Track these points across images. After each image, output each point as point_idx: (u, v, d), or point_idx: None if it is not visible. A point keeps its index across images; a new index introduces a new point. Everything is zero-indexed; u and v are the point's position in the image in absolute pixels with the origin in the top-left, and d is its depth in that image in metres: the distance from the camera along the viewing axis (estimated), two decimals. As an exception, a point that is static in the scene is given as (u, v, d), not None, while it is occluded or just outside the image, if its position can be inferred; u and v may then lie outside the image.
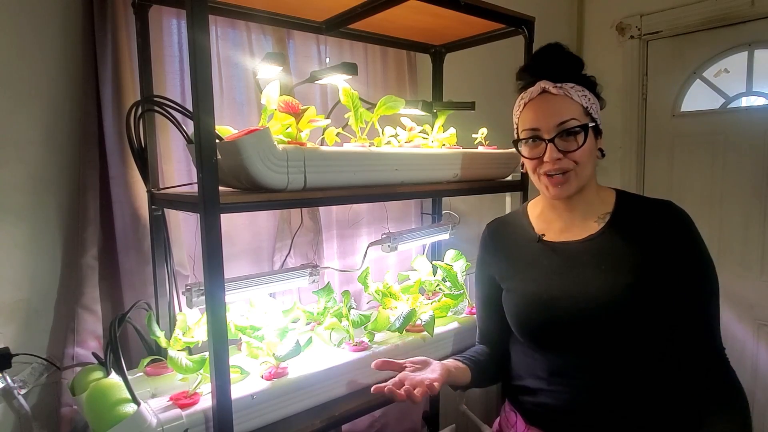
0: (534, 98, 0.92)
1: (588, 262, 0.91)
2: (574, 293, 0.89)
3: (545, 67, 0.93)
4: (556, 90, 0.90)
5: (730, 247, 2.16)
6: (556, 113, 0.89)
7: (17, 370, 1.10)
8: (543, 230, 1.01)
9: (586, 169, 0.91)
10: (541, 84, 0.91)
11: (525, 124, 0.94)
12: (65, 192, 1.18)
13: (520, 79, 0.98)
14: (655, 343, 0.88)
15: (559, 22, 2.48)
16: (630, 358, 0.87)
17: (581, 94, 0.91)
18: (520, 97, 0.96)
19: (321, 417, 1.06)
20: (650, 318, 0.86)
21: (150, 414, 0.91)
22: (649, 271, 0.87)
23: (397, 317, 1.25)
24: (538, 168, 0.93)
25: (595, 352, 0.89)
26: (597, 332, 0.87)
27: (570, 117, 0.89)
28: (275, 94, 1.02)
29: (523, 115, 0.95)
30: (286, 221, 1.49)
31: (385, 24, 1.40)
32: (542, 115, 0.90)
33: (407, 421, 1.79)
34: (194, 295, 1.05)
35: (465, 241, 1.97)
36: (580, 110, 0.90)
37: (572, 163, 0.89)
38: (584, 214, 0.96)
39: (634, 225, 0.91)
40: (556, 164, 0.89)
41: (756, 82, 2.11)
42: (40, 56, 1.12)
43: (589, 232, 0.94)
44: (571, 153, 0.89)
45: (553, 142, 0.89)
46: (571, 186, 0.91)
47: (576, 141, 0.89)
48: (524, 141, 0.94)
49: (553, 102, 0.90)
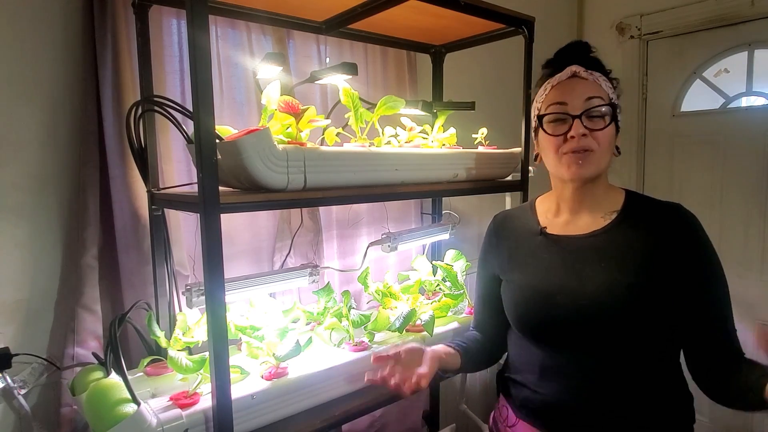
0: (563, 81, 0.92)
1: (589, 257, 0.90)
2: (573, 289, 0.89)
3: (577, 54, 0.94)
4: (586, 74, 0.91)
5: (730, 247, 2.16)
6: (586, 91, 0.90)
7: (17, 370, 1.10)
8: (547, 223, 0.99)
9: (605, 156, 0.91)
10: (572, 68, 0.92)
11: (552, 100, 0.92)
12: (65, 192, 1.18)
13: (548, 66, 0.97)
14: (652, 344, 0.87)
15: (559, 22, 2.48)
16: (625, 358, 0.86)
17: (608, 85, 0.92)
18: (546, 83, 0.95)
19: (321, 417, 1.06)
20: (649, 320, 0.85)
21: (150, 414, 0.91)
22: (653, 273, 0.85)
23: (397, 317, 1.25)
24: (561, 147, 0.91)
25: (590, 350, 0.88)
26: (593, 331, 0.86)
27: (598, 96, 0.89)
28: (275, 94, 1.02)
29: (549, 94, 0.94)
30: (286, 221, 1.49)
31: (385, 24, 1.40)
32: (571, 92, 0.90)
33: (407, 421, 1.79)
34: (194, 295, 1.05)
35: (465, 241, 1.97)
36: (607, 97, 0.91)
37: (595, 143, 0.89)
38: (591, 209, 0.95)
39: (641, 225, 0.90)
40: (581, 141, 0.88)
41: (756, 82, 2.11)
42: (40, 56, 1.12)
43: (594, 228, 0.93)
44: (595, 132, 0.88)
45: (580, 118, 0.88)
46: (590, 167, 0.89)
47: (603, 121, 0.89)
48: (549, 117, 0.92)
49: (582, 84, 0.91)
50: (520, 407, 0.98)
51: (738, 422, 2.18)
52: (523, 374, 0.98)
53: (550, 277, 0.92)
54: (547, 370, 0.93)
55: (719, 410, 2.25)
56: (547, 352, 0.93)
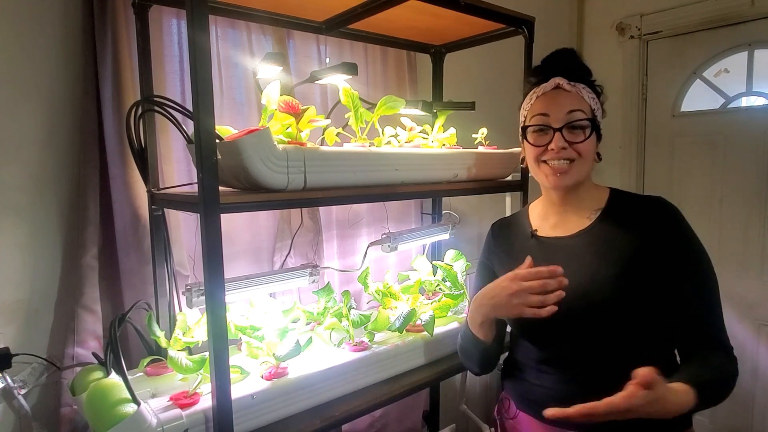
0: (547, 92, 0.97)
1: (575, 255, 0.95)
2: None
3: (561, 66, 0.98)
4: (569, 87, 0.95)
5: (730, 247, 2.16)
6: (568, 104, 0.94)
7: (17, 370, 1.10)
8: (538, 227, 1.05)
9: (586, 164, 0.96)
10: (556, 80, 0.96)
11: (535, 111, 0.97)
12: (65, 192, 1.18)
13: (534, 76, 1.01)
14: (643, 333, 0.90)
15: (559, 22, 2.48)
16: (617, 347, 0.89)
17: (590, 96, 0.96)
18: (532, 92, 0.99)
19: (321, 417, 1.06)
20: (637, 307, 0.88)
21: (150, 414, 0.91)
22: (637, 263, 0.90)
23: (397, 317, 1.25)
24: (541, 156, 0.97)
25: (582, 342, 0.92)
26: (584, 323, 0.90)
27: (579, 109, 0.94)
28: (275, 94, 1.02)
29: (533, 105, 0.98)
30: (286, 221, 1.49)
31: (385, 24, 1.40)
32: (554, 104, 0.95)
33: (407, 421, 1.79)
34: (194, 295, 1.05)
35: (465, 241, 1.97)
36: (589, 109, 0.96)
37: (576, 153, 0.94)
38: (577, 211, 1.00)
39: (624, 219, 0.95)
40: (560, 153, 0.93)
41: (756, 82, 2.11)
42: (40, 56, 1.12)
43: (580, 228, 0.98)
44: (575, 144, 0.93)
45: (561, 131, 0.93)
46: (571, 176, 0.95)
47: (583, 133, 0.94)
48: (533, 128, 0.98)
49: (565, 96, 0.95)
50: (520, 400, 1.03)
51: (738, 422, 2.18)
52: (523, 368, 1.02)
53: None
54: (544, 363, 0.97)
55: (719, 410, 2.26)
56: (543, 346, 0.97)
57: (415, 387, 1.22)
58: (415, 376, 1.24)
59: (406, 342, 1.26)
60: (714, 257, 0.91)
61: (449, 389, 1.98)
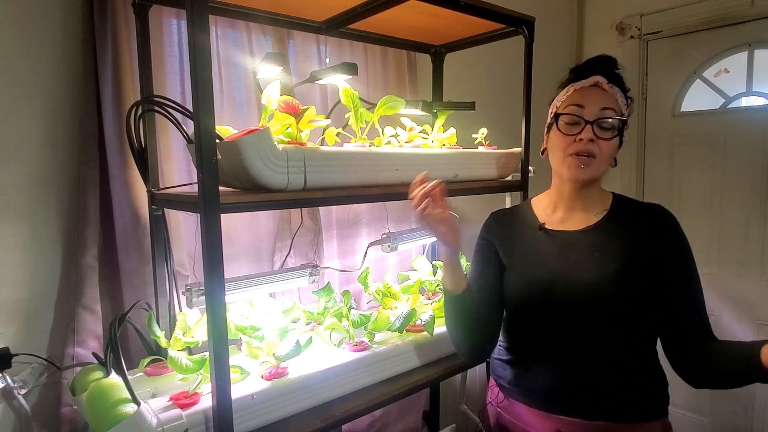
0: (585, 87, 1.01)
1: (583, 249, 1.01)
2: (571, 276, 0.98)
3: (602, 67, 1.02)
4: (607, 86, 1.00)
5: (730, 247, 2.15)
6: (603, 101, 0.99)
7: (17, 370, 1.10)
8: (545, 220, 1.09)
9: (605, 164, 1.01)
10: (596, 78, 1.00)
11: (571, 101, 1.01)
12: (65, 192, 1.18)
13: (575, 71, 1.05)
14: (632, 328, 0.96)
15: (559, 22, 2.48)
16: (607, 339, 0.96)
17: (623, 102, 1.02)
18: (570, 85, 1.03)
19: (321, 417, 1.06)
20: (634, 301, 0.95)
21: (150, 414, 0.91)
22: (636, 262, 0.97)
23: (397, 317, 1.25)
24: (568, 147, 1.00)
25: (578, 332, 0.97)
26: (588, 311, 0.96)
27: (612, 108, 0.99)
28: (275, 94, 1.02)
29: (570, 95, 1.02)
30: (286, 221, 1.49)
31: (385, 24, 1.40)
32: (590, 98, 0.99)
33: (407, 421, 1.79)
34: (194, 295, 1.05)
35: (465, 241, 1.97)
36: (620, 112, 1.00)
37: (599, 150, 0.98)
38: (585, 208, 1.05)
39: (627, 222, 1.02)
40: (587, 145, 0.97)
41: (756, 82, 2.11)
42: (40, 56, 1.12)
43: (587, 224, 1.04)
44: (602, 140, 0.98)
45: (593, 124, 0.97)
46: (591, 171, 0.99)
47: (611, 132, 0.99)
48: (566, 117, 1.01)
49: (601, 94, 1.00)
50: (510, 386, 1.07)
51: (738, 422, 2.18)
52: (514, 356, 1.07)
53: (550, 267, 1.02)
54: (536, 352, 1.02)
55: (719, 410, 2.26)
56: (541, 334, 1.01)
57: (415, 387, 1.22)
58: (415, 376, 1.24)
59: (406, 342, 1.26)
60: (714, 257, 0.92)
61: (449, 389, 1.97)
